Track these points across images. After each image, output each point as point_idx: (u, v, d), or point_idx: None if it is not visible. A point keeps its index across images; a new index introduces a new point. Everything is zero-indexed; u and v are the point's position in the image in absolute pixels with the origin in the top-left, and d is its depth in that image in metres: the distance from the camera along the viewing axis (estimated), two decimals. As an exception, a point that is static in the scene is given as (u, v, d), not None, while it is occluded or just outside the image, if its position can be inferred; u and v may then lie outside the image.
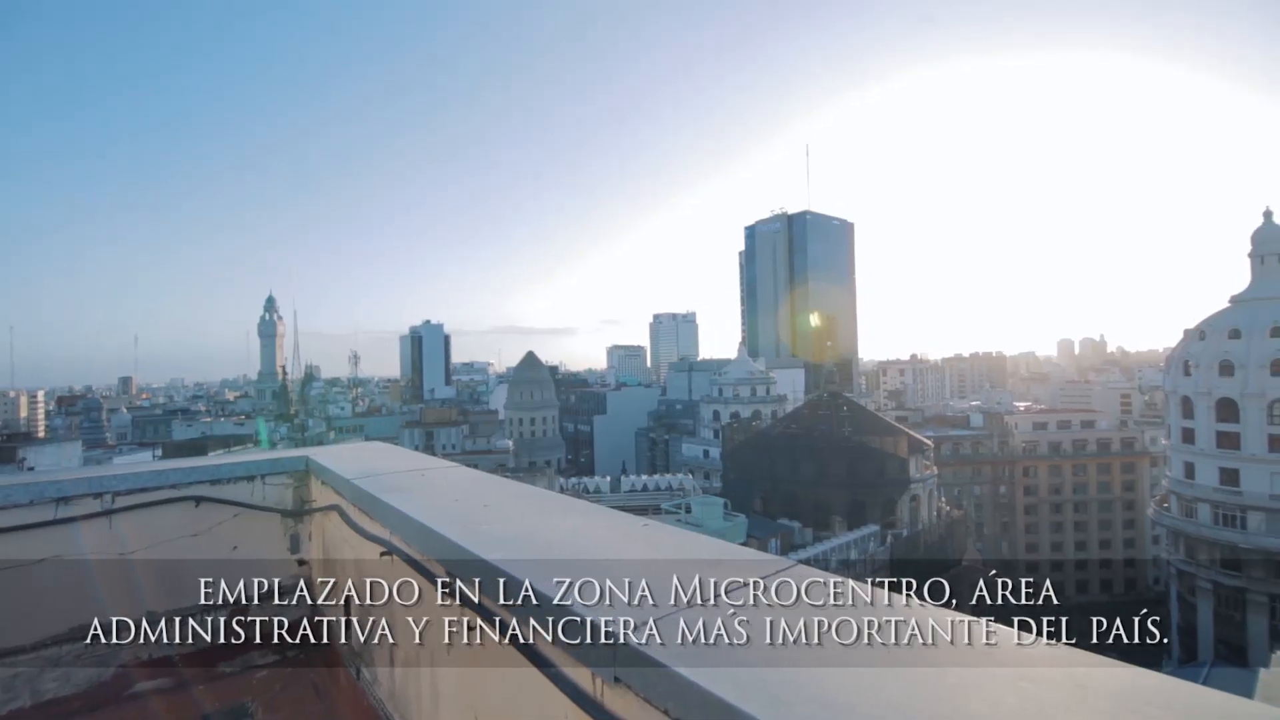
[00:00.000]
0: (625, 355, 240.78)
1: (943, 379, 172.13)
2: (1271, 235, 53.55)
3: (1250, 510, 50.30)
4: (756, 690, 0.94)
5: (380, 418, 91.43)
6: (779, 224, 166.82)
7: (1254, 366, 50.93)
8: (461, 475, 3.05)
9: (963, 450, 76.76)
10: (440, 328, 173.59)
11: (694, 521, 39.14)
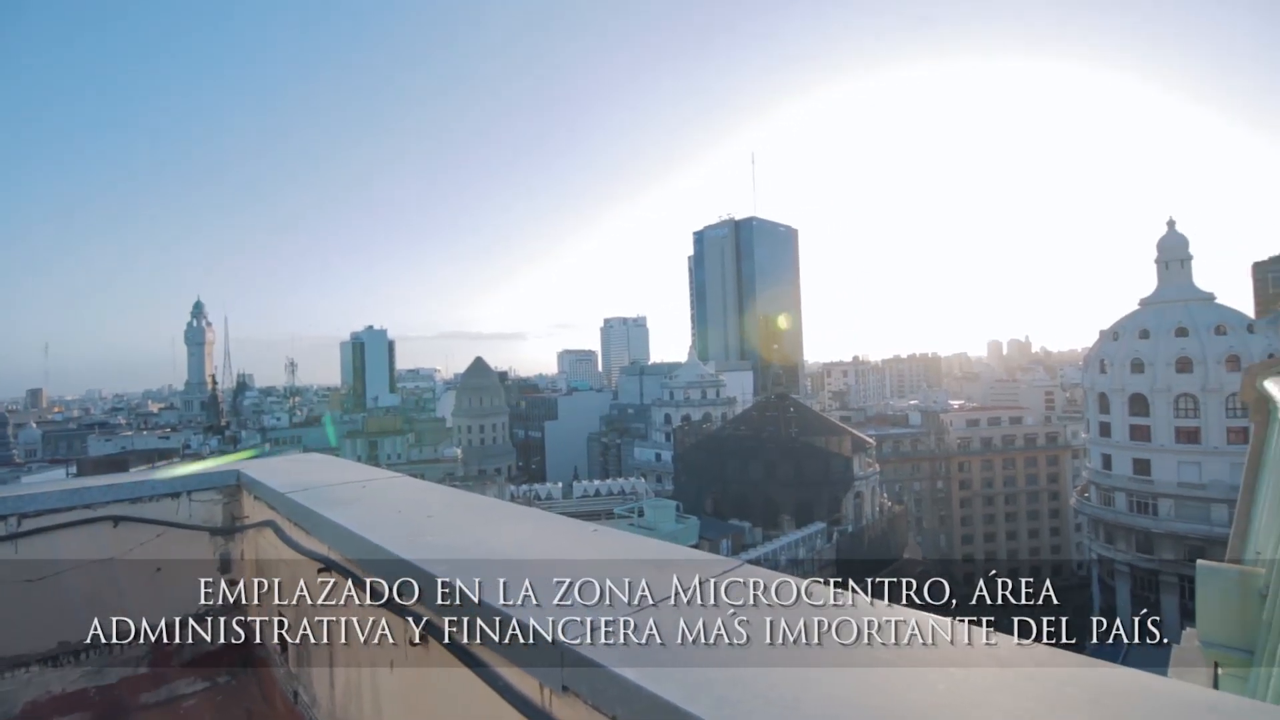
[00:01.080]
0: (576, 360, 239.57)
1: (883, 379, 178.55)
2: (1174, 243, 58.13)
3: (1161, 497, 54.30)
4: (703, 691, 0.95)
5: (319, 428, 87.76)
6: (726, 230, 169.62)
7: (1161, 364, 55.09)
8: (405, 486, 2.96)
9: (902, 448, 79.85)
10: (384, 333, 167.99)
11: (647, 525, 39.21)
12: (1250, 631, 6.10)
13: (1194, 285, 57.10)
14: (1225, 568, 6.69)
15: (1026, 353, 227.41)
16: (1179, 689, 0.90)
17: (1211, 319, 54.52)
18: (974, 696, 0.89)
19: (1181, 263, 57.76)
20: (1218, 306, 55.92)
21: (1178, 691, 0.89)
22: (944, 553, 79.43)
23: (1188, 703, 0.86)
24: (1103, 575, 59.61)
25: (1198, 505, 51.93)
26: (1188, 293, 56.70)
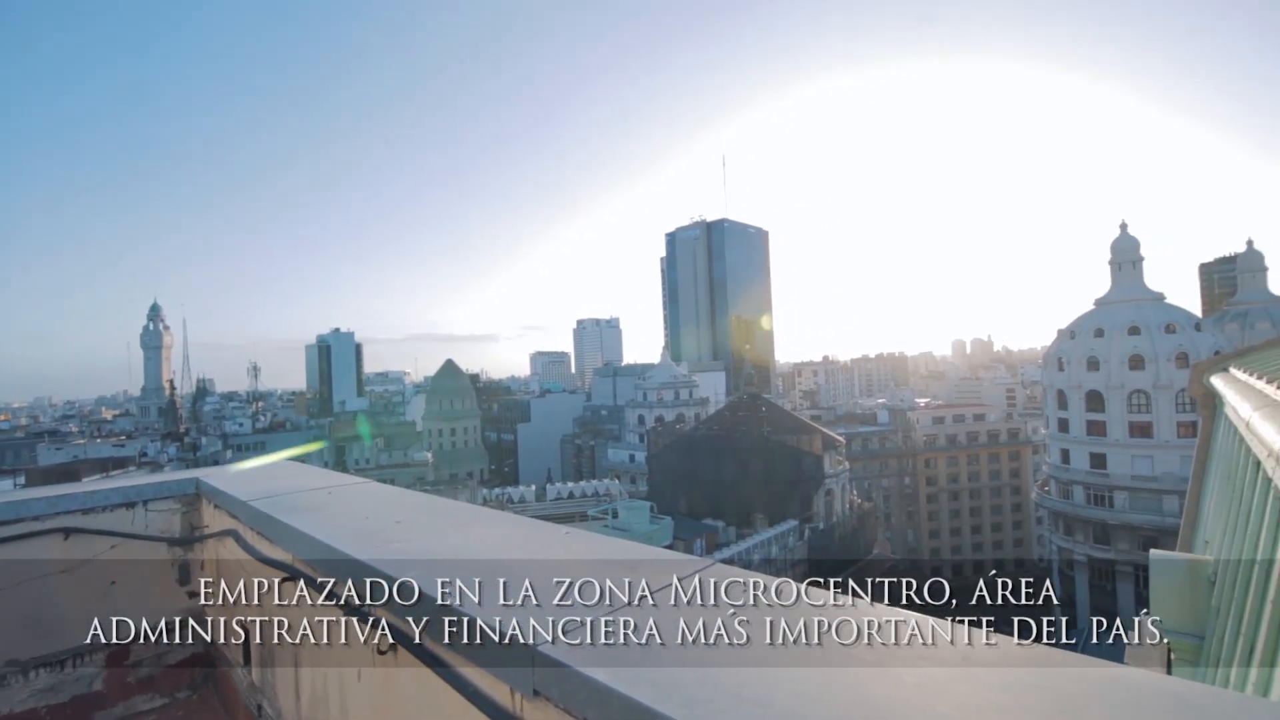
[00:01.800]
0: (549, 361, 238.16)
1: (852, 379, 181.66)
2: (1127, 245, 60.46)
3: (1116, 490, 56.37)
4: (674, 692, 0.95)
5: (285, 433, 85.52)
6: (698, 231, 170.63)
7: (1115, 362, 57.22)
8: (373, 491, 2.91)
9: (871, 445, 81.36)
10: (350, 336, 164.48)
11: (621, 526, 39.18)
12: (1200, 617, 6.38)
13: (1145, 285, 59.47)
14: (1176, 557, 6.98)
15: (989, 351, 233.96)
16: (1132, 675, 0.93)
17: (1161, 318, 56.86)
18: (938, 689, 0.92)
19: (1133, 264, 60.10)
20: (1167, 306, 58.35)
21: (1131, 677, 0.92)
22: (912, 548, 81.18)
23: (1139, 688, 0.90)
24: (1062, 567, 61.61)
25: (1150, 497, 54.07)
26: (1139, 293, 59.04)
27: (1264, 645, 3.65)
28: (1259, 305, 64.03)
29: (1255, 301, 64.92)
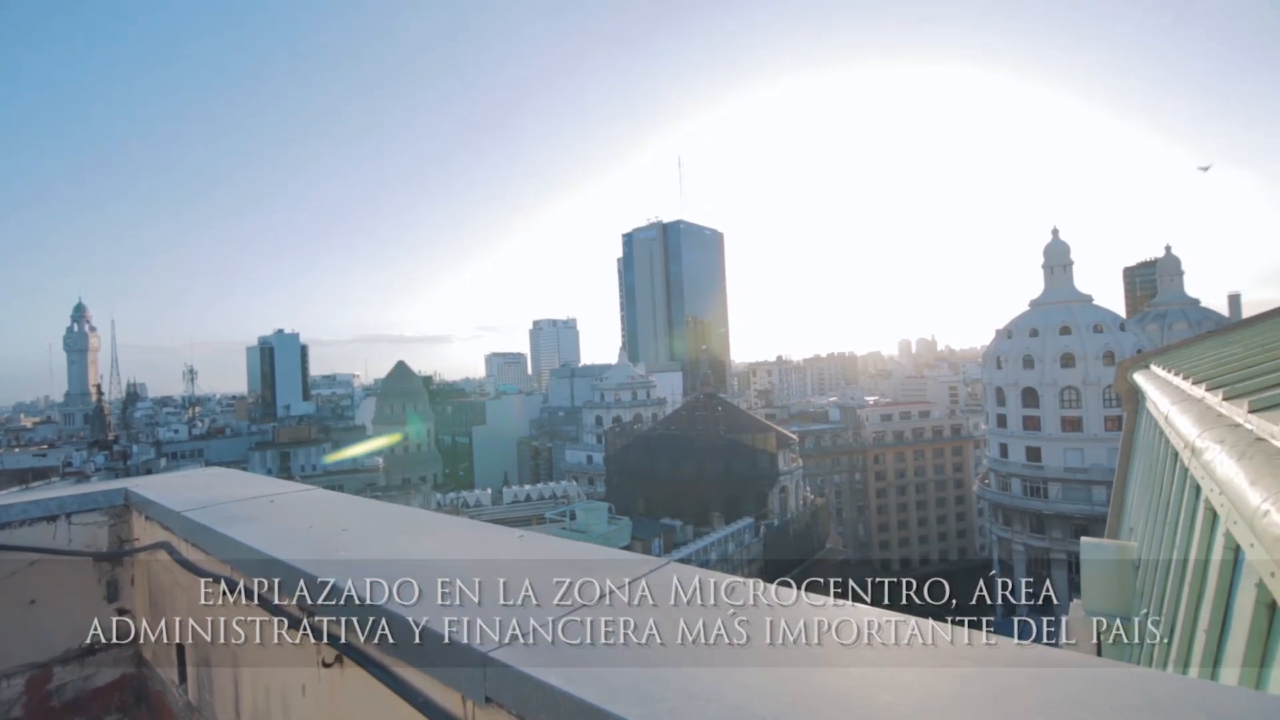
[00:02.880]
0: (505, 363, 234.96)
1: (805, 378, 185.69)
2: (1058, 249, 63.88)
3: (1050, 481, 59.47)
4: (628, 692, 0.95)
5: (224, 440, 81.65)
6: (655, 232, 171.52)
7: (1048, 360, 60.35)
8: (318, 499, 2.80)
9: (823, 443, 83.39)
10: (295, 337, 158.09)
11: (579, 528, 38.99)
12: (1127, 599, 6.78)
13: (1075, 288, 62.95)
14: (1104, 543, 7.40)
15: (933, 351, 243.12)
16: (1063, 657, 1.00)
17: (1090, 318, 60.31)
18: (882, 676, 0.95)
19: (1064, 267, 63.53)
20: (1095, 307, 61.95)
21: (1062, 659, 0.98)
22: (863, 541, 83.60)
23: (1069, 668, 0.95)
24: (1002, 555, 64.58)
25: (1081, 487, 57.26)
26: (1070, 295, 62.46)
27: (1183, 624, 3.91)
28: (1176, 306, 68.73)
29: (1173, 303, 69.67)
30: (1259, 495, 2.24)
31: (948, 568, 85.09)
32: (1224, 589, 3.00)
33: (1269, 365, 4.40)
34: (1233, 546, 2.81)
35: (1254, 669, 2.40)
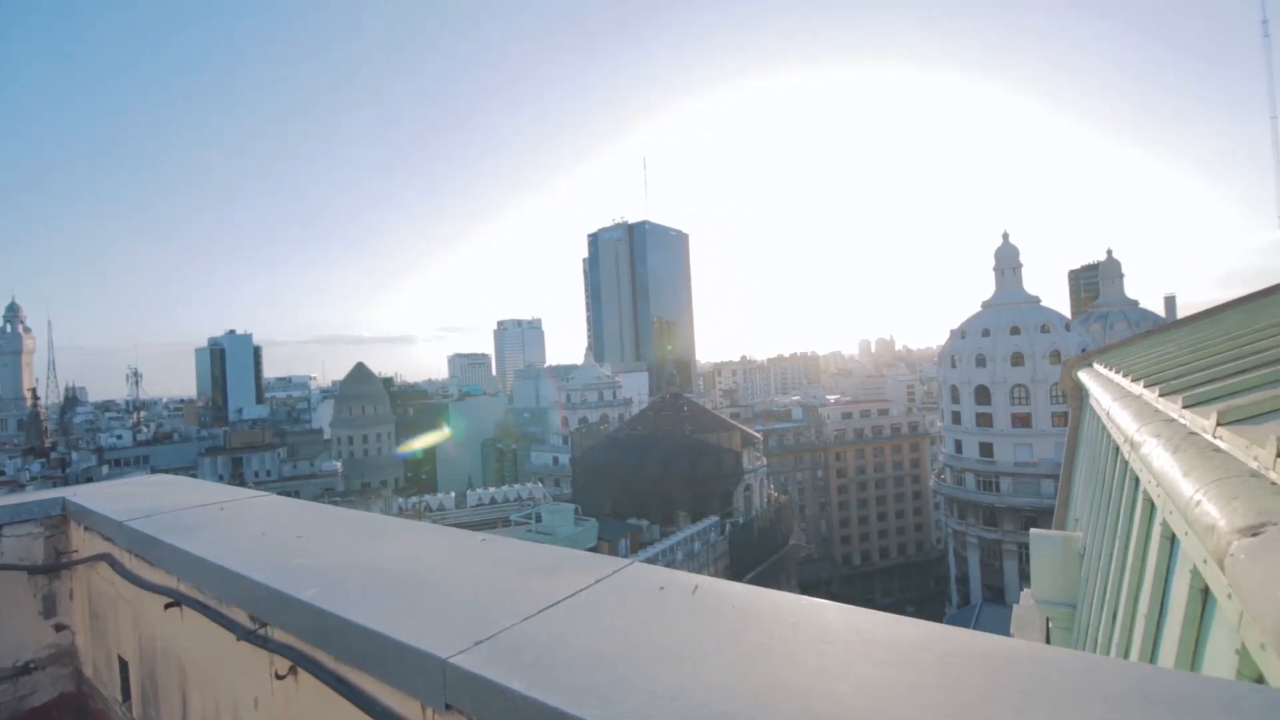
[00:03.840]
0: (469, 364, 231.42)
1: (768, 377, 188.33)
2: (1008, 252, 66.34)
3: (1002, 475, 61.69)
4: (590, 694, 0.95)
5: (171, 445, 78.24)
6: (620, 232, 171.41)
7: (999, 359, 62.60)
8: (272, 505, 2.71)
9: (786, 441, 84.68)
10: (248, 338, 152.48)
11: (545, 530, 38.67)
12: (1073, 588, 7.07)
13: (1024, 290, 65.50)
14: (1052, 534, 7.70)
15: (891, 350, 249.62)
16: (1012, 645, 1.04)
17: (1038, 319, 62.82)
18: (838, 669, 0.98)
19: (1014, 270, 66.04)
20: (1043, 308, 64.56)
21: (1011, 647, 1.02)
22: (825, 537, 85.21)
23: (1016, 656, 0.98)
24: (957, 548, 66.71)
25: (1031, 481, 59.58)
26: (1019, 296, 64.95)
27: (1124, 611, 4.10)
28: (1117, 308, 72.18)
29: (1114, 304, 73.15)
30: (1191, 486, 2.36)
31: (906, 561, 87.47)
32: (1161, 576, 3.16)
33: (1200, 363, 4.65)
34: (1169, 536, 2.96)
35: (1189, 651, 2.53)
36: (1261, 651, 1.61)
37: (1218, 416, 2.78)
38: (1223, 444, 2.59)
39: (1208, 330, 7.23)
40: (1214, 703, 0.81)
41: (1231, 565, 1.77)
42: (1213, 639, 2.31)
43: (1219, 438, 2.66)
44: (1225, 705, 0.80)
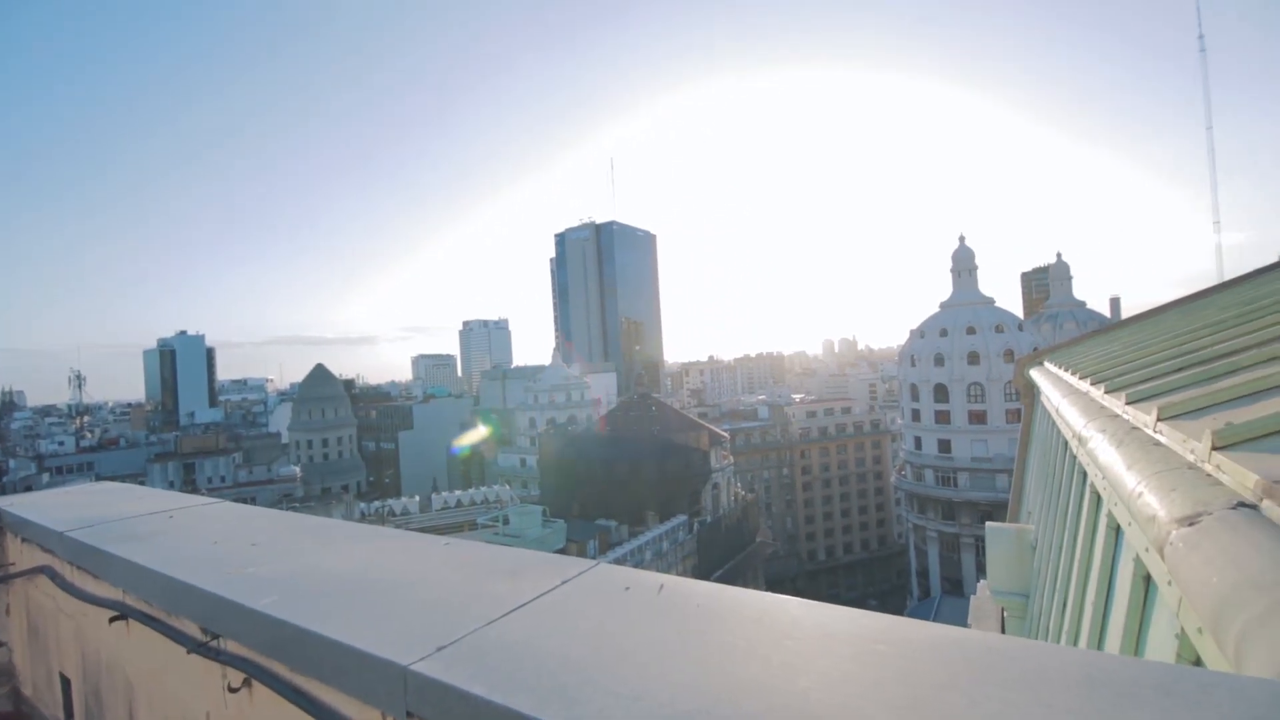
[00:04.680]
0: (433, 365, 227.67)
1: (735, 377, 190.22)
2: (965, 255, 68.47)
3: (959, 471, 63.60)
4: (555, 697, 0.94)
5: (118, 451, 74.82)
6: (588, 232, 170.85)
7: (957, 358, 64.55)
8: (224, 513, 2.61)
9: (753, 440, 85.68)
10: (200, 339, 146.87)
11: (512, 533, 38.28)
12: (1026, 579, 7.33)
13: (979, 291, 67.68)
14: (1006, 527, 7.97)
15: (854, 350, 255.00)
16: (967, 636, 1.07)
17: (993, 319, 65.00)
18: (800, 664, 0.99)
19: (970, 272, 68.20)
20: (997, 309, 66.84)
21: (966, 638, 1.05)
22: (791, 534, 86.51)
23: (971, 647, 1.02)
24: (917, 541, 68.51)
25: (986, 476, 61.60)
26: (975, 297, 67.10)
27: (1073, 599, 4.27)
28: (1066, 308, 75.19)
29: (1064, 305, 76.19)
30: (1134, 479, 2.48)
31: (870, 556, 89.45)
32: (1107, 565, 3.30)
33: (1141, 361, 4.88)
34: (1114, 526, 3.10)
35: (1133, 637, 2.66)
36: (1199, 635, 1.70)
37: (1158, 412, 2.92)
38: (1163, 438, 2.72)
39: (1149, 330, 7.59)
40: (1152, 685, 0.85)
41: (1171, 554, 1.86)
42: (1155, 624, 2.42)
43: (1159, 432, 2.79)
44: (1162, 687, 0.84)
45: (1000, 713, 0.80)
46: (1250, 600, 1.37)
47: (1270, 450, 1.98)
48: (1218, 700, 0.80)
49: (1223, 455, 2.05)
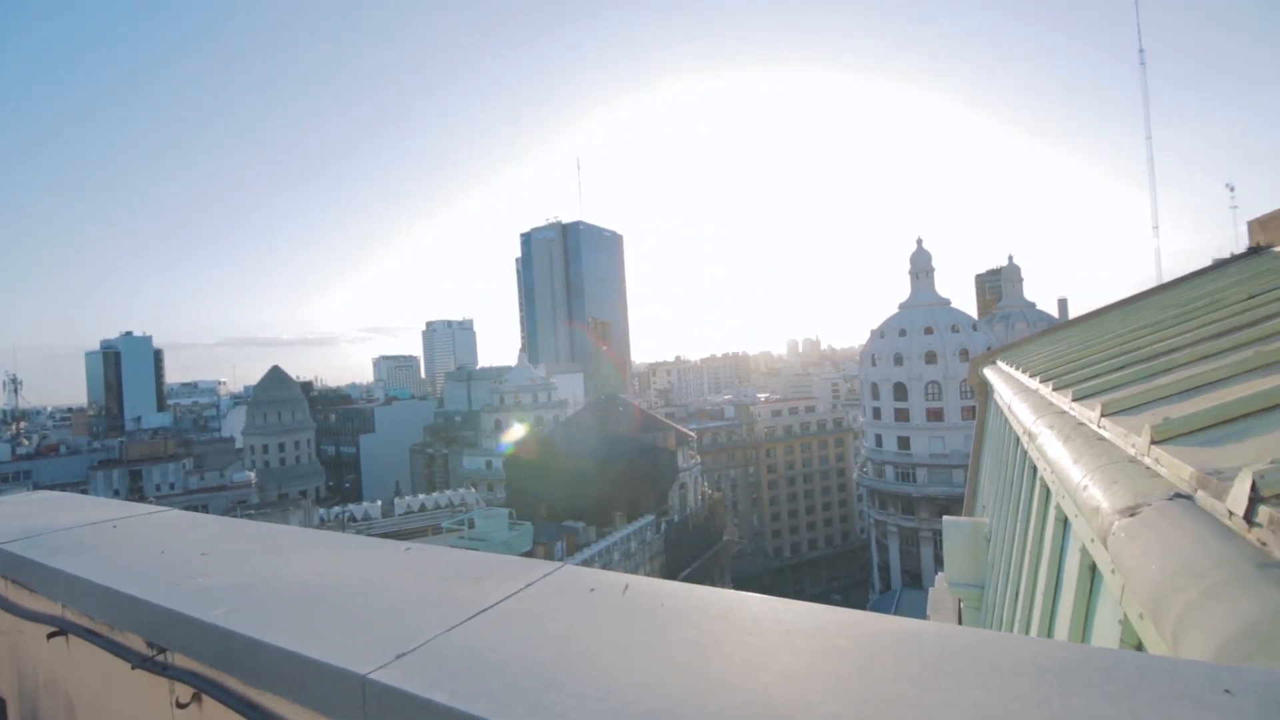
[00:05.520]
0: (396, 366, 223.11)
1: (701, 377, 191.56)
2: (922, 257, 70.45)
3: (918, 467, 65.40)
4: (517, 700, 0.93)
5: (58, 459, 71.04)
6: (554, 232, 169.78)
7: (915, 357, 66.37)
8: (173, 521, 2.51)
9: (720, 439, 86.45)
10: (147, 341, 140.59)
11: (478, 536, 37.74)
12: (981, 570, 7.58)
13: (936, 292, 69.75)
14: (962, 520, 8.22)
15: (818, 350, 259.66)
16: (918, 627, 1.10)
17: (949, 320, 67.06)
18: (762, 661, 1.00)
19: (927, 274, 70.22)
20: (953, 310, 68.98)
21: (922, 630, 1.08)
22: (757, 531, 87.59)
23: (922, 637, 1.05)
24: (879, 536, 70.20)
25: (944, 471, 63.47)
26: (931, 298, 69.12)
27: (1025, 589, 4.44)
28: (1018, 309, 78.06)
29: (1015, 306, 79.09)
30: (1080, 473, 2.59)
31: (833, 552, 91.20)
32: (1056, 556, 3.44)
33: (1087, 360, 5.10)
34: (1062, 518, 3.23)
35: (1080, 624, 2.77)
36: (1140, 621, 1.79)
37: (1101, 408, 3.05)
38: (1106, 433, 2.85)
39: (1094, 330, 7.93)
40: (1095, 670, 0.89)
41: (1114, 543, 1.95)
42: (1100, 612, 2.53)
43: (1103, 428, 2.92)
44: (1105, 672, 0.89)
45: (952, 701, 0.83)
46: (1185, 586, 1.45)
47: (1204, 444, 2.10)
48: (1154, 682, 0.84)
49: (1161, 449, 2.16)
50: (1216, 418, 2.24)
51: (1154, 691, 0.82)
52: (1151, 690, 0.82)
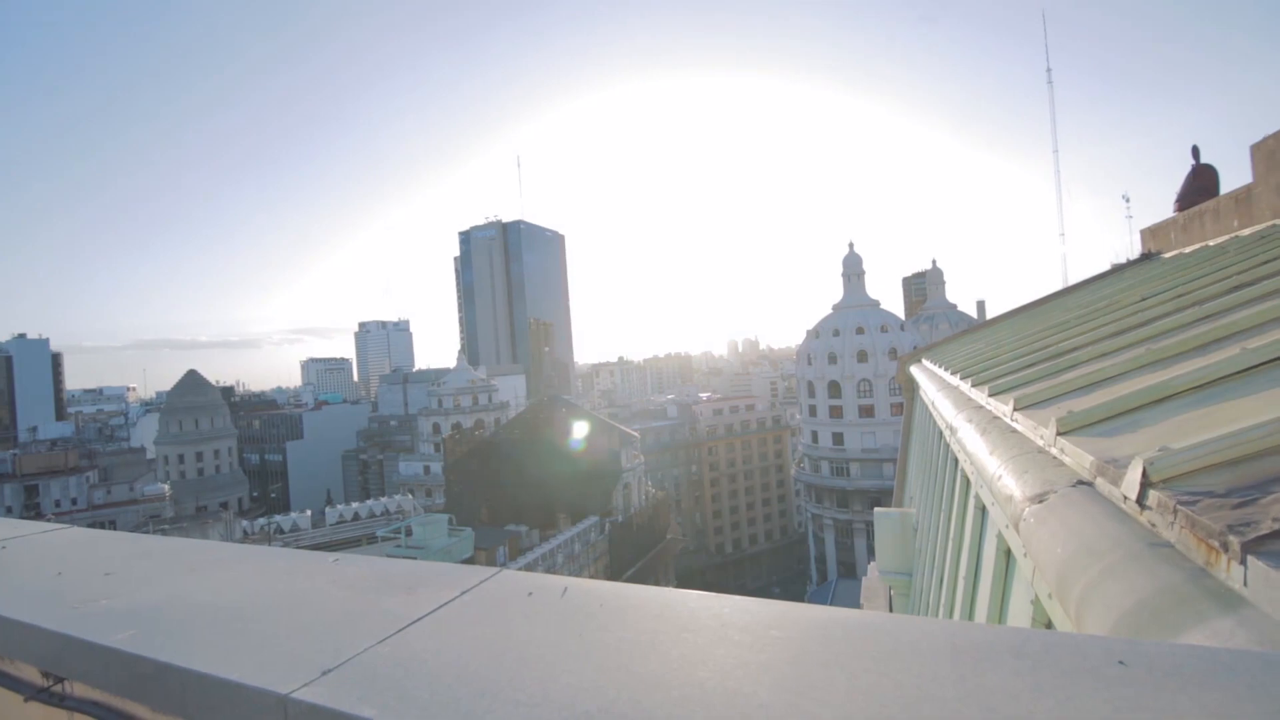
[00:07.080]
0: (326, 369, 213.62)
1: (645, 377, 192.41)
2: (854, 261, 73.38)
3: (851, 461, 68.05)
4: (449, 710, 0.91)
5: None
6: (494, 231, 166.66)
7: (848, 356, 69.05)
8: (71, 540, 2.30)
9: (663, 439, 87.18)
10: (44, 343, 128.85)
11: (415, 544, 36.53)
12: (909, 558, 7.96)
13: (867, 294, 72.81)
14: (891, 511, 8.61)
15: (756, 350, 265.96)
16: (848, 616, 1.14)
17: (879, 320, 70.13)
18: (698, 656, 1.02)
19: (859, 276, 73.19)
20: (882, 311, 72.19)
21: (847, 618, 1.12)
22: (699, 528, 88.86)
23: (850, 625, 1.09)
24: (815, 530, 72.59)
25: (875, 465, 66.32)
26: (863, 300, 72.10)
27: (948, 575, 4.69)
28: (941, 310, 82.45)
29: (939, 307, 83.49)
30: (995, 463, 2.76)
31: (773, 546, 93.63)
32: (975, 542, 3.65)
33: (1001, 358, 5.44)
34: (980, 507, 3.43)
35: (997, 606, 2.96)
36: (1049, 601, 1.92)
37: (1014, 403, 3.26)
38: (1018, 426, 3.05)
39: (1008, 330, 8.47)
40: (1006, 648, 0.96)
41: (1025, 529, 2.10)
42: (1015, 593, 2.71)
43: (1015, 421, 3.13)
44: (1014, 650, 0.95)
45: (876, 684, 0.88)
46: (1086, 566, 1.57)
47: (1103, 434, 2.28)
48: (1057, 657, 0.91)
49: (1066, 440, 2.33)
50: (1114, 410, 2.43)
51: (1057, 666, 0.89)
52: (1055, 665, 0.89)
